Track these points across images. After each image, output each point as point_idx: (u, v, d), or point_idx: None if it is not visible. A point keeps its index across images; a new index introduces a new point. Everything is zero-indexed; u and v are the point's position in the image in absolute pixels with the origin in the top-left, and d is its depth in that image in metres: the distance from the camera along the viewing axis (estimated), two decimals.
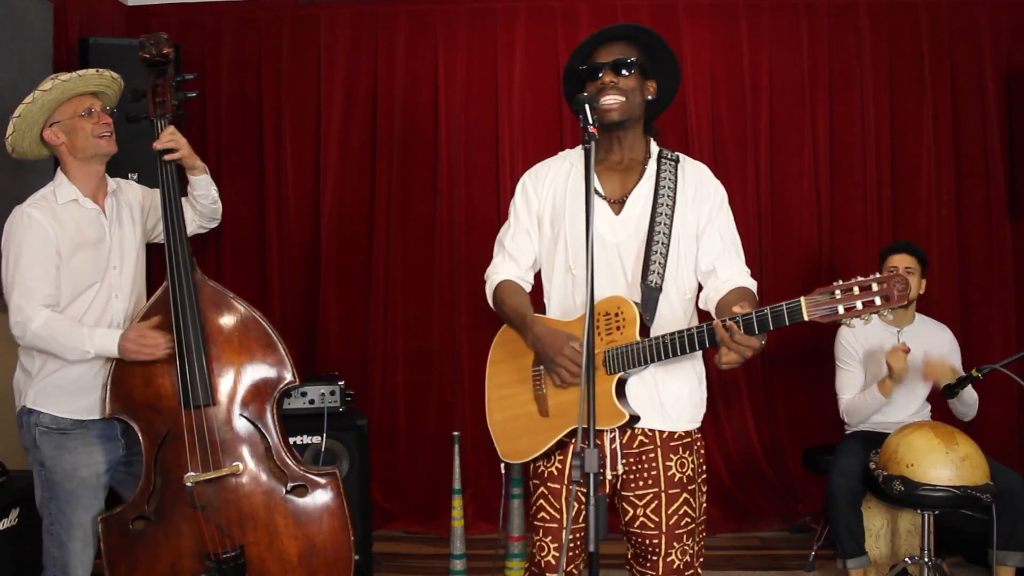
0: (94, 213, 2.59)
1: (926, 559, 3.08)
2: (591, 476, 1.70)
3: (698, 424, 2.22)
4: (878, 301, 1.78)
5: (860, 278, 1.80)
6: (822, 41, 4.36)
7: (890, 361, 3.25)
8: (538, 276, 2.35)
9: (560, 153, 2.34)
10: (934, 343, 3.49)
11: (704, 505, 2.21)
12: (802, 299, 1.83)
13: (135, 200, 2.75)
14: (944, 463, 2.87)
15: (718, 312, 2.11)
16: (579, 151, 2.24)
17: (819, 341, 4.22)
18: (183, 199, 2.76)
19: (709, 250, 2.19)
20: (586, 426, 1.74)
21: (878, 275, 1.80)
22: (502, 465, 2.28)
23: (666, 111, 4.66)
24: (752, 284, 2.18)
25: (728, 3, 4.36)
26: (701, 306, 2.24)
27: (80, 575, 2.56)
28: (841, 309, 1.80)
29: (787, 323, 1.84)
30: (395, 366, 4.42)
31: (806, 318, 1.83)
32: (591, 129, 1.88)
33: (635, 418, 2.06)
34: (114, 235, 2.62)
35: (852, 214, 4.36)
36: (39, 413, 2.52)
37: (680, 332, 1.99)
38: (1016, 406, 4.25)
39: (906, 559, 3.24)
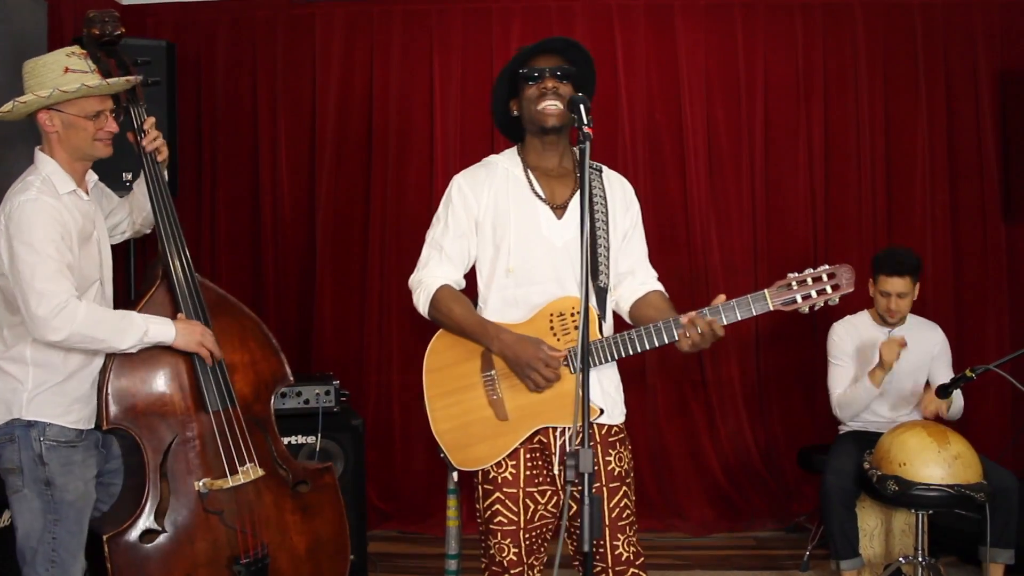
0: (89, 205, 2.42)
1: (920, 558, 3.09)
2: (585, 476, 1.71)
3: (624, 419, 2.32)
4: (829, 289, 2.06)
5: (811, 270, 2.08)
6: (817, 42, 4.37)
7: (883, 350, 3.27)
8: (470, 278, 2.37)
9: (485, 159, 2.39)
10: (925, 343, 3.50)
11: (634, 499, 2.29)
12: (766, 291, 2.07)
13: (100, 193, 2.58)
14: (937, 462, 2.88)
15: (634, 310, 2.28)
16: (507, 156, 2.35)
17: (813, 341, 4.23)
18: (122, 198, 2.65)
19: (631, 252, 2.34)
20: (581, 424, 1.77)
21: (827, 266, 2.07)
22: (454, 474, 2.34)
23: (662, 110, 4.69)
24: (662, 287, 2.36)
25: (723, 4, 4.37)
26: (611, 305, 2.34)
27: None
28: (799, 298, 2.06)
29: (755, 313, 2.06)
30: (390, 366, 4.41)
31: (771, 307, 2.07)
32: (586, 129, 1.94)
33: (602, 411, 2.18)
34: (99, 229, 2.47)
35: (846, 215, 4.37)
36: (45, 425, 2.27)
37: (648, 327, 2.12)
38: (1009, 406, 4.26)
39: (900, 558, 3.25)
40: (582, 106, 1.96)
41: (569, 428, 2.16)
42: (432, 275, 2.30)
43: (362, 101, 4.42)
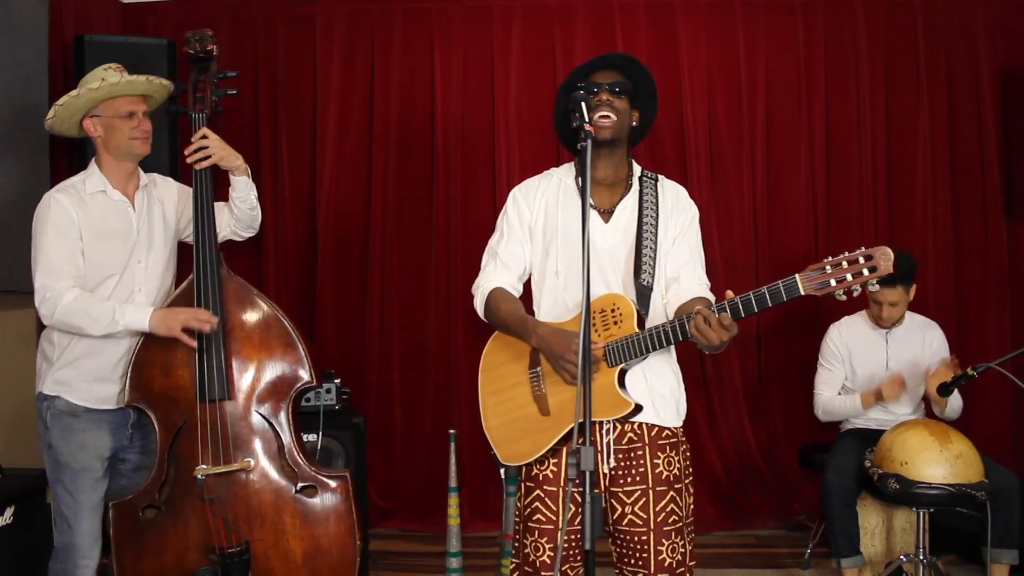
0: (122, 205, 2.63)
1: (921, 557, 3.09)
2: (587, 474, 1.71)
3: (681, 422, 2.30)
4: (866, 272, 1.94)
5: (847, 252, 1.96)
6: (818, 40, 4.37)
7: (884, 390, 3.33)
8: (527, 286, 2.42)
9: (545, 172, 2.45)
10: (923, 341, 3.50)
11: (692, 506, 2.28)
12: (797, 275, 1.99)
13: (169, 196, 2.78)
14: (938, 461, 2.88)
15: (676, 315, 2.24)
16: (565, 168, 2.42)
17: (815, 339, 4.22)
18: (223, 203, 2.82)
19: (677, 258, 2.34)
20: (582, 421, 1.77)
21: (864, 249, 1.96)
22: (502, 470, 2.32)
23: (663, 110, 4.67)
24: (711, 296, 2.31)
25: (724, 2, 4.36)
26: (656, 303, 2.32)
27: (87, 559, 2.56)
28: (833, 282, 1.96)
29: (784, 299, 1.98)
30: (391, 364, 4.42)
31: (802, 292, 1.98)
32: (587, 127, 1.97)
33: (639, 407, 2.14)
34: (142, 229, 2.65)
35: (848, 213, 4.37)
36: (54, 398, 2.56)
37: (679, 319, 2.10)
38: (1011, 404, 4.26)
39: (901, 557, 3.25)
40: (583, 104, 2.01)
41: (607, 422, 2.18)
42: (488, 280, 2.38)
43: (363, 99, 4.42)
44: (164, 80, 2.70)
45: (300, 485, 2.62)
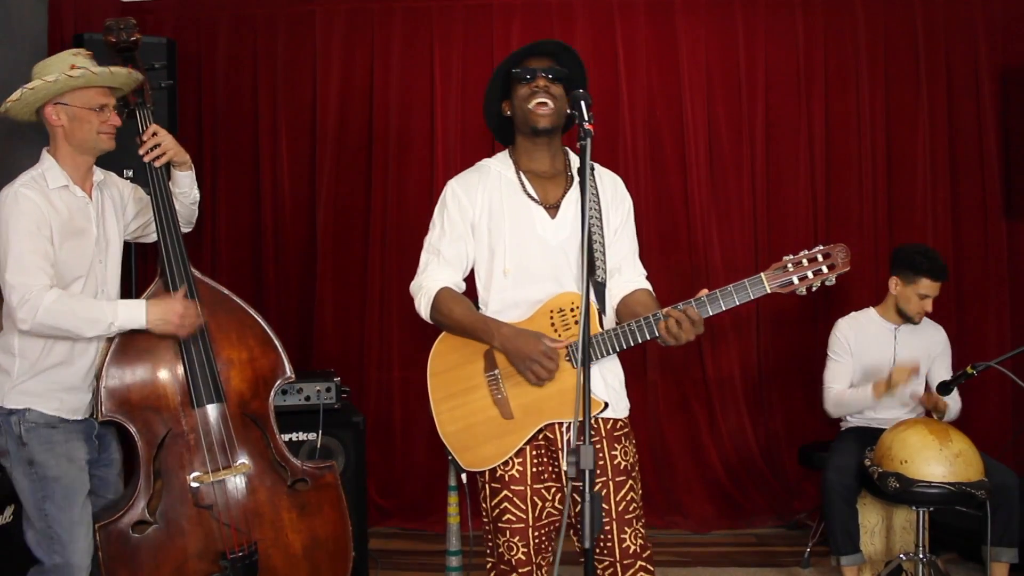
0: (83, 202, 2.45)
1: (921, 555, 3.09)
2: (587, 473, 1.72)
3: (628, 412, 2.34)
4: (825, 269, 2.06)
5: (807, 251, 2.09)
6: (818, 38, 4.37)
7: (894, 374, 3.28)
8: (470, 282, 2.39)
9: (478, 164, 2.42)
10: (929, 342, 3.51)
11: (640, 493, 2.30)
12: (762, 274, 2.08)
13: (118, 193, 2.62)
14: (938, 460, 2.88)
15: (620, 307, 2.30)
16: (500, 160, 2.38)
17: (815, 338, 4.23)
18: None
19: (619, 249, 2.35)
20: (581, 420, 1.78)
21: (822, 247, 2.08)
22: (463, 476, 2.28)
23: (662, 108, 4.67)
24: (649, 286, 2.37)
25: (724, 0, 4.36)
26: (611, 299, 2.35)
27: (83, 572, 2.39)
28: (795, 279, 2.06)
29: (752, 296, 2.07)
30: (391, 363, 4.42)
31: (768, 290, 2.07)
32: (587, 126, 1.95)
33: (607, 404, 2.19)
34: (100, 227, 2.50)
35: (847, 211, 4.37)
36: (24, 411, 2.37)
37: (646, 318, 2.11)
38: (1010, 403, 4.26)
39: (901, 555, 3.25)
40: (583, 103, 1.97)
41: (567, 420, 2.19)
42: (432, 279, 2.33)
43: (363, 98, 4.42)
44: (139, 74, 2.52)
45: (291, 479, 2.62)
